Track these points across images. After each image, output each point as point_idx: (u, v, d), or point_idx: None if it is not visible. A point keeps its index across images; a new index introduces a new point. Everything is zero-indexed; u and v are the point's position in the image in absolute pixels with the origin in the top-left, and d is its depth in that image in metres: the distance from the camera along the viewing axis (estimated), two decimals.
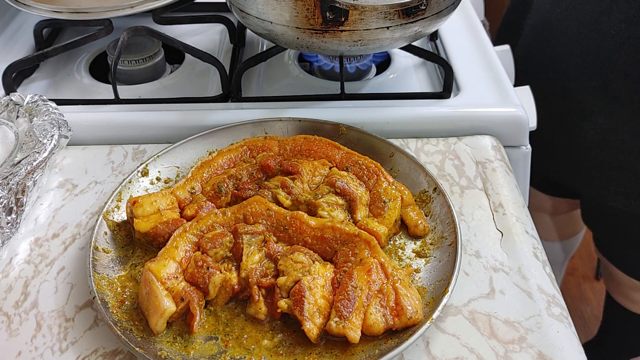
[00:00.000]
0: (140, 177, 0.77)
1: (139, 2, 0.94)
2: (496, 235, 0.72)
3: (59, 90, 0.97)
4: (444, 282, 0.64)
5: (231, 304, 0.65)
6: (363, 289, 0.62)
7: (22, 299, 0.67)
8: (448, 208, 0.71)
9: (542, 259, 0.70)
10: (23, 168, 0.72)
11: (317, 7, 0.76)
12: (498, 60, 0.98)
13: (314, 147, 0.78)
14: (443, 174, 0.81)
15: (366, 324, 0.60)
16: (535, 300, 0.65)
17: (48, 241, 0.73)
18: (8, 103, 0.82)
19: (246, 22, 0.85)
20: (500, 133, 0.87)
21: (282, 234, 0.68)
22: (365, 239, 0.65)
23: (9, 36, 1.09)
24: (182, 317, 0.63)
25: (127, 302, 0.64)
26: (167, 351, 0.59)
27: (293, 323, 0.62)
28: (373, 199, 0.73)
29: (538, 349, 0.61)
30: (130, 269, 0.68)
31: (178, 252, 0.65)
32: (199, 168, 0.76)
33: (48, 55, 0.95)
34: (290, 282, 0.62)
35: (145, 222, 0.69)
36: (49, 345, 0.62)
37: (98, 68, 1.03)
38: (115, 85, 0.90)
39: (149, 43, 1.00)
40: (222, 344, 0.61)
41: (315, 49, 0.82)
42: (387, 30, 0.78)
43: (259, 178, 0.76)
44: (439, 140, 0.86)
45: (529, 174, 0.93)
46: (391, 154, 0.80)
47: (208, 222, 0.67)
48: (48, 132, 0.76)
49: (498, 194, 0.78)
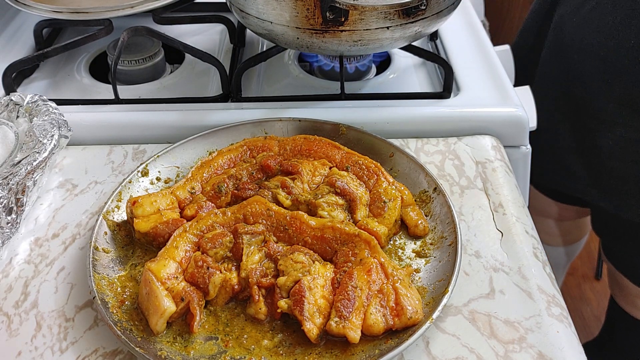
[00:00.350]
0: (140, 177, 0.77)
1: (139, 2, 0.94)
2: (496, 235, 0.72)
3: (59, 90, 0.97)
4: (444, 282, 0.64)
5: (231, 304, 0.65)
6: (363, 289, 0.62)
7: (22, 299, 0.67)
8: (448, 208, 0.71)
9: (542, 259, 0.70)
10: (23, 168, 0.72)
11: (317, 7, 0.76)
12: (498, 60, 0.98)
13: (314, 147, 0.78)
14: (443, 174, 0.81)
15: (366, 324, 0.60)
16: (535, 300, 0.65)
17: (48, 241, 0.73)
18: (8, 103, 0.82)
19: (246, 22, 0.85)
20: (500, 133, 0.87)
21: (282, 234, 0.68)
22: (365, 239, 0.65)
23: (9, 36, 1.09)
24: (182, 317, 0.63)
25: (127, 302, 0.64)
26: (167, 351, 0.59)
27: (293, 323, 0.62)
28: (373, 199, 0.73)
29: (538, 349, 0.61)
30: (130, 269, 0.68)
31: (178, 252, 0.65)
32: (199, 168, 0.76)
33: (48, 55, 0.95)
34: (290, 282, 0.62)
35: (145, 222, 0.69)
36: (49, 345, 0.62)
37: (98, 68, 1.03)
38: (115, 85, 0.90)
39: (149, 43, 1.00)
40: (222, 344, 0.61)
41: (315, 49, 0.82)
42: (387, 30, 0.78)
43: (259, 178, 0.76)
44: (439, 140, 0.86)
45: (529, 174, 0.93)
46: (391, 154, 0.80)
47: (208, 222, 0.67)
48: (48, 132, 0.76)
49: (498, 194, 0.78)
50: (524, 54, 1.29)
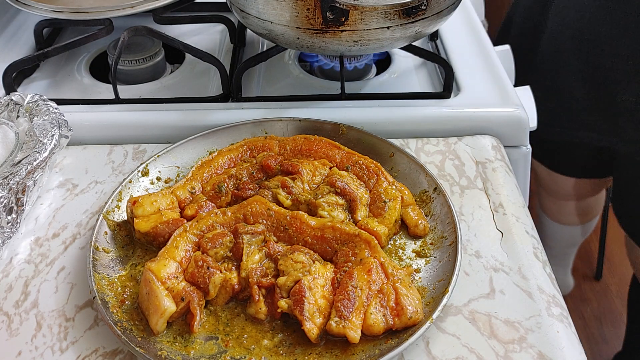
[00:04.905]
0: (140, 177, 0.77)
1: (139, 2, 0.94)
2: (496, 235, 0.72)
3: (60, 90, 0.97)
4: (444, 282, 0.64)
5: (231, 303, 0.65)
6: (363, 288, 0.62)
7: (22, 298, 0.67)
8: (448, 208, 0.71)
9: (542, 259, 0.70)
10: (23, 168, 0.72)
11: (318, 7, 0.76)
12: (498, 60, 0.98)
13: (314, 147, 0.78)
14: (443, 174, 0.81)
15: (366, 324, 0.60)
16: (535, 300, 0.65)
17: (48, 241, 0.73)
18: (8, 103, 0.82)
19: (246, 22, 0.85)
20: (500, 133, 0.87)
21: (282, 234, 0.68)
22: (365, 239, 0.65)
23: (9, 36, 1.09)
24: (182, 317, 0.63)
25: (127, 302, 0.64)
26: (167, 351, 0.59)
27: (293, 323, 0.62)
28: (373, 199, 0.73)
29: (538, 349, 0.61)
30: (130, 269, 0.68)
31: (178, 252, 0.65)
32: (199, 168, 0.76)
33: (48, 55, 0.95)
34: (291, 282, 0.62)
35: (146, 221, 0.69)
36: (49, 345, 0.62)
37: (98, 68, 1.03)
38: (116, 85, 0.90)
39: (149, 43, 1.00)
40: (222, 343, 0.61)
41: (315, 49, 0.82)
42: (388, 30, 0.78)
43: (259, 178, 0.76)
44: (439, 140, 0.86)
45: (529, 174, 0.93)
46: (391, 154, 0.80)
47: (208, 222, 0.67)
48: (48, 132, 0.76)
49: (498, 194, 0.78)
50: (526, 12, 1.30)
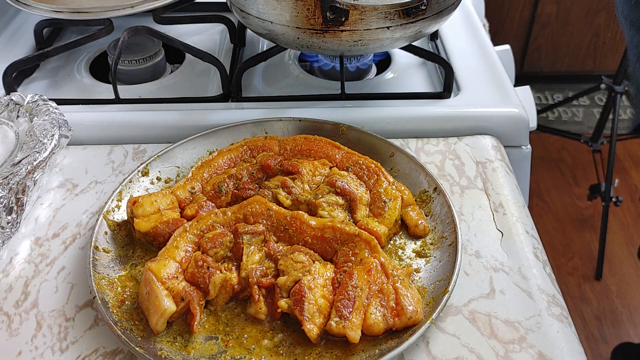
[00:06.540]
0: (140, 177, 0.77)
1: (139, 2, 0.94)
2: (496, 235, 0.72)
3: (60, 90, 0.97)
4: (444, 282, 0.64)
5: (231, 303, 0.65)
6: (363, 288, 0.62)
7: (22, 298, 0.67)
8: (448, 208, 0.71)
9: (542, 259, 0.70)
10: (23, 168, 0.72)
11: (318, 7, 0.76)
12: (498, 60, 0.98)
13: (314, 147, 0.78)
14: (443, 174, 0.81)
15: (366, 324, 0.60)
16: (535, 300, 0.65)
17: (48, 241, 0.73)
18: (8, 103, 0.82)
19: (246, 22, 0.85)
20: (500, 133, 0.87)
21: (282, 234, 0.68)
22: (365, 239, 0.65)
23: (9, 36, 1.09)
24: (182, 317, 0.63)
25: (127, 302, 0.64)
26: (167, 351, 0.59)
27: (293, 323, 0.62)
28: (373, 199, 0.73)
29: (538, 349, 0.61)
30: (130, 269, 0.68)
31: (178, 252, 0.65)
32: (199, 168, 0.76)
33: (48, 55, 0.95)
34: (291, 282, 0.62)
35: (146, 221, 0.69)
36: (49, 344, 0.62)
37: (98, 68, 1.03)
38: (116, 85, 0.90)
39: (149, 43, 1.00)
40: (222, 343, 0.61)
41: (315, 49, 0.82)
42: (388, 30, 0.78)
43: (259, 178, 0.76)
44: (439, 140, 0.86)
45: (529, 174, 0.93)
46: (391, 153, 0.80)
47: (208, 222, 0.67)
48: (48, 132, 0.77)
49: (498, 194, 0.78)
50: None
